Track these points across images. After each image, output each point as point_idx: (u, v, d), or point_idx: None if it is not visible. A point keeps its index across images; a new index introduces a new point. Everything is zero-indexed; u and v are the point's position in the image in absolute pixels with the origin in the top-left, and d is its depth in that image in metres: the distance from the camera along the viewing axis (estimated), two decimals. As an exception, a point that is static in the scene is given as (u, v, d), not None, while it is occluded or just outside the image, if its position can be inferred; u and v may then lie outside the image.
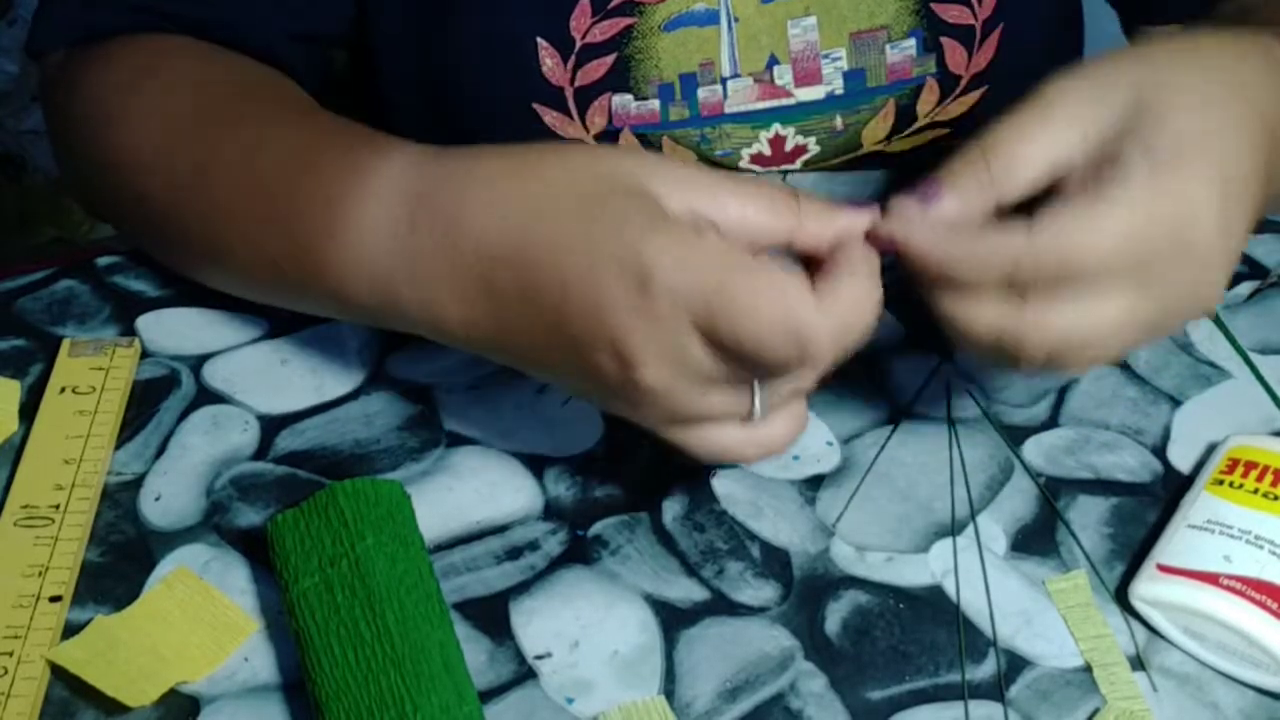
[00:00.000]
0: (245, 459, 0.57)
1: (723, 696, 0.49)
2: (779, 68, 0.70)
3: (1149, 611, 0.51)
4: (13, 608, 0.50)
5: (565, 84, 0.68)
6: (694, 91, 0.69)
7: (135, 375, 0.60)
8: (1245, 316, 0.65)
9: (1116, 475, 0.57)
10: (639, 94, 0.69)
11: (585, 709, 0.49)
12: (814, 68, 0.70)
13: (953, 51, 0.70)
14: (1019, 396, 0.60)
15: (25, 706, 0.47)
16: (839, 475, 0.57)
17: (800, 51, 0.69)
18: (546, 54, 0.68)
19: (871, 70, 0.70)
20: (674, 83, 0.69)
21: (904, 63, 0.70)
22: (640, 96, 0.69)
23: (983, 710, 0.49)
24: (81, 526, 0.53)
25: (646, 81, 0.69)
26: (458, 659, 0.48)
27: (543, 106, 0.69)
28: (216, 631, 0.50)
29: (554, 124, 0.69)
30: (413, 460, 0.57)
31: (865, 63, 0.70)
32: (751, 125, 0.71)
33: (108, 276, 0.65)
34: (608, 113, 0.69)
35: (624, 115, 0.69)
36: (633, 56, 0.68)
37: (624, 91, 0.69)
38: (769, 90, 0.70)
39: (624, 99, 0.69)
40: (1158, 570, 0.51)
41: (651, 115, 0.70)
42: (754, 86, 0.70)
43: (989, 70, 0.71)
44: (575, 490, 0.56)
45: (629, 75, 0.68)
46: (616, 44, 0.68)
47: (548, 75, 0.68)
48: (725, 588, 0.53)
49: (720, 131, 0.71)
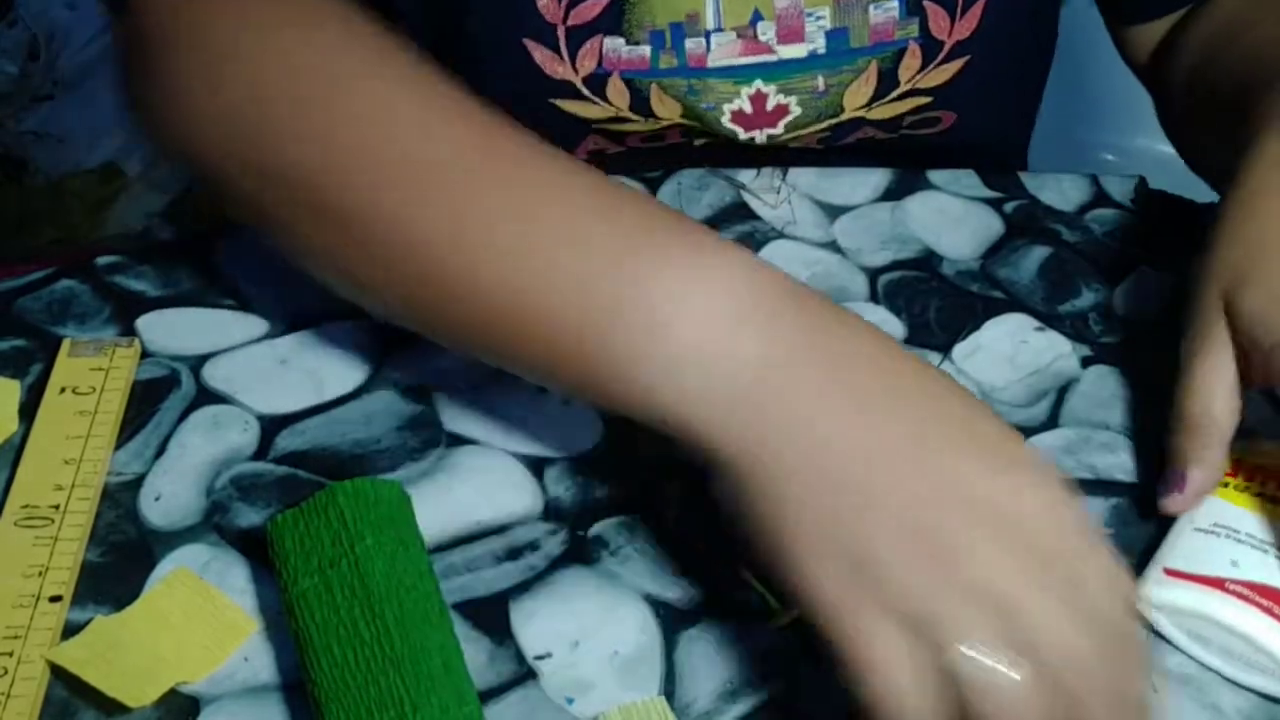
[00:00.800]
0: (245, 459, 0.57)
1: (723, 697, 0.49)
2: (762, 23, 0.70)
3: (1155, 616, 0.51)
4: (13, 608, 0.50)
5: (558, 21, 0.68)
6: (681, 41, 0.69)
7: (135, 375, 0.60)
8: (1245, 317, 0.65)
9: (1116, 475, 0.57)
10: (630, 38, 0.69)
11: (585, 709, 0.49)
12: (797, 25, 0.70)
13: (935, 16, 0.71)
14: (1019, 396, 0.60)
15: (25, 706, 0.47)
16: (839, 475, 0.57)
17: (784, 8, 0.69)
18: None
19: (854, 30, 0.70)
20: (665, 30, 0.69)
21: (887, 24, 0.70)
22: (632, 41, 0.69)
23: (983, 710, 0.49)
24: (81, 526, 0.53)
25: (639, 26, 0.69)
26: (458, 659, 0.48)
27: (533, 43, 0.68)
28: (216, 631, 0.50)
29: (543, 62, 0.69)
30: (413, 460, 0.57)
31: (848, 22, 0.70)
32: (734, 80, 0.71)
33: (108, 276, 0.65)
34: (598, 55, 0.69)
35: (614, 59, 0.69)
36: (627, 0, 0.68)
37: (616, 34, 0.69)
38: (751, 46, 0.70)
39: (615, 42, 0.69)
40: (1165, 574, 0.51)
41: (641, 61, 0.69)
42: (737, 41, 0.70)
43: (972, 39, 0.71)
44: (575, 490, 0.56)
45: (623, 18, 0.68)
46: None
47: (542, 10, 0.68)
48: (725, 588, 0.53)
49: (704, 84, 0.71)
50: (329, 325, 0.63)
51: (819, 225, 0.69)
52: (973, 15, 0.71)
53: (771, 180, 0.71)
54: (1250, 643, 0.48)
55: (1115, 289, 0.66)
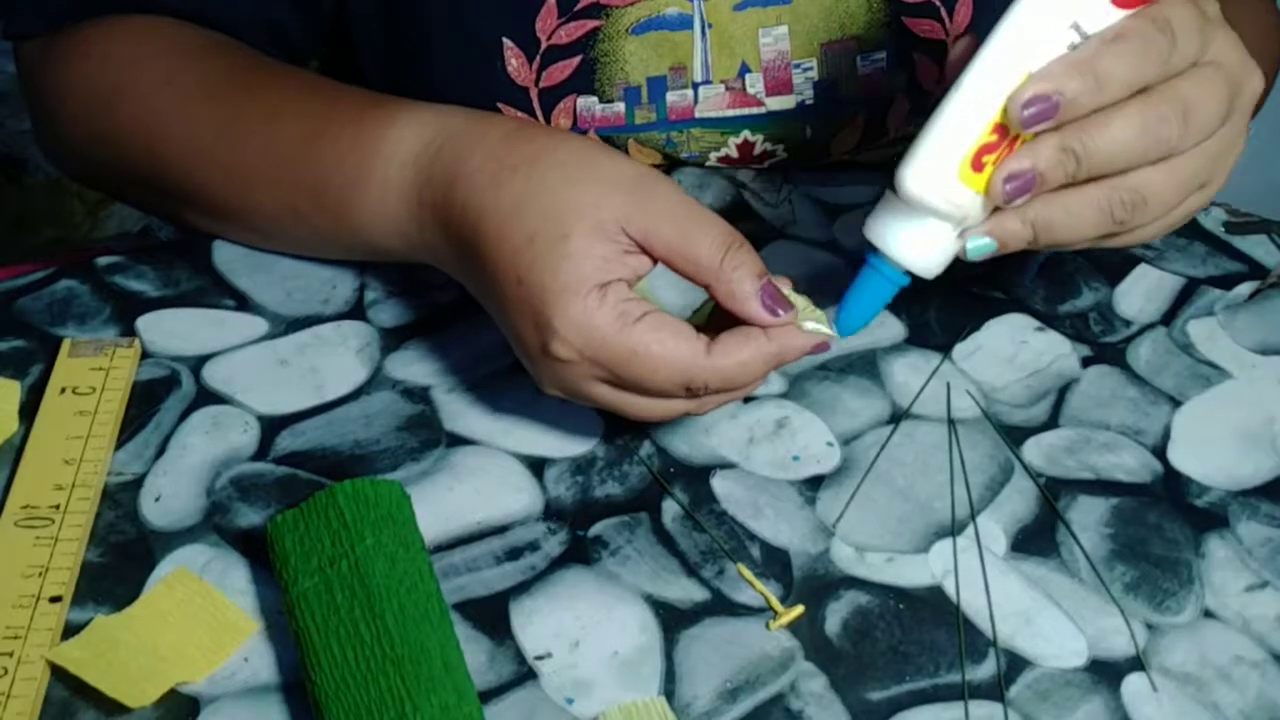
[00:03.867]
0: (245, 459, 0.57)
1: (723, 697, 0.49)
2: (750, 76, 0.69)
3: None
4: (13, 608, 0.50)
5: (530, 84, 0.68)
6: (662, 95, 0.69)
7: (135, 375, 0.60)
8: (1245, 316, 0.65)
9: (1116, 475, 0.57)
10: (604, 96, 0.69)
11: (585, 709, 0.49)
12: (785, 77, 0.70)
13: (924, 66, 0.70)
14: (1019, 397, 0.61)
15: (25, 706, 0.47)
16: (839, 475, 0.57)
17: (772, 60, 0.69)
18: (511, 54, 0.67)
19: (843, 81, 0.70)
20: (640, 86, 0.69)
21: (875, 75, 0.70)
22: (605, 99, 0.69)
23: (983, 710, 0.49)
24: (81, 527, 0.53)
25: (611, 84, 0.69)
26: (458, 659, 0.48)
27: (507, 106, 0.69)
28: (216, 632, 0.50)
29: None
30: (413, 460, 0.57)
31: (836, 74, 0.70)
32: (721, 131, 0.71)
33: (108, 276, 0.65)
34: (573, 114, 0.69)
35: (589, 118, 0.69)
36: (599, 59, 0.68)
37: (589, 94, 0.69)
38: (740, 98, 0.70)
39: (589, 101, 0.69)
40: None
41: (616, 118, 0.69)
42: (725, 94, 0.70)
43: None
44: (575, 490, 0.56)
45: (594, 77, 0.68)
46: (582, 46, 0.68)
47: (513, 75, 0.68)
48: (725, 588, 0.53)
49: (688, 135, 0.71)
50: (329, 325, 0.63)
51: (819, 225, 0.69)
52: None
53: (772, 180, 0.71)
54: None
55: (1115, 289, 0.66)
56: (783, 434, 0.58)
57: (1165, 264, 0.68)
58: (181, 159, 0.64)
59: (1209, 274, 0.67)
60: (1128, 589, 0.53)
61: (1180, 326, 0.64)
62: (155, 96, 0.64)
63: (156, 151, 0.64)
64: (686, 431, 0.58)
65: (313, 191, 0.61)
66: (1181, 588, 0.53)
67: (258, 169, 0.62)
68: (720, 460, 0.57)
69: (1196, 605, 0.53)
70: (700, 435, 0.58)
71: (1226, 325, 0.64)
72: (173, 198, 0.66)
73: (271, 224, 0.64)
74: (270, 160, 0.61)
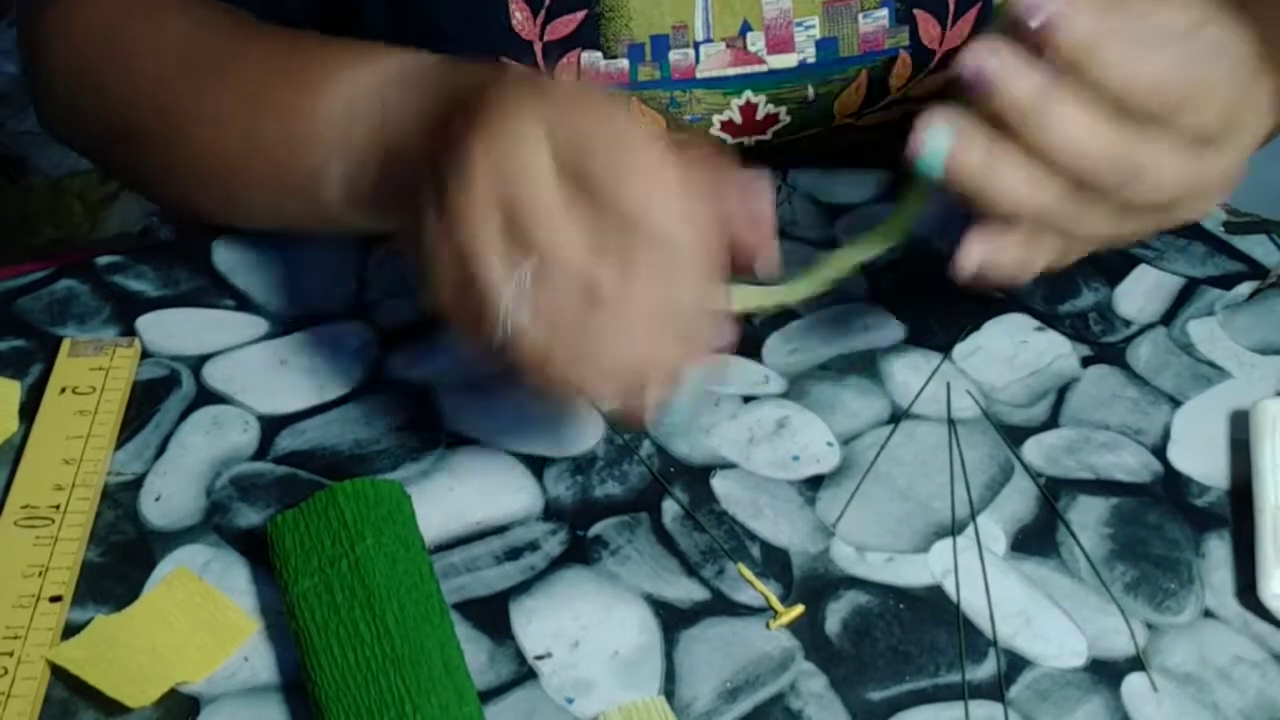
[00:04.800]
0: (245, 459, 0.57)
1: (723, 696, 0.49)
2: (752, 34, 0.69)
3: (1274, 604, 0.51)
4: (13, 608, 0.50)
5: (534, 38, 0.68)
6: (665, 53, 0.69)
7: (135, 375, 0.60)
8: (1245, 316, 0.65)
9: (1116, 475, 0.57)
10: (608, 52, 0.69)
11: (585, 709, 0.49)
12: (786, 35, 0.70)
13: (926, 24, 0.70)
14: (1019, 397, 0.61)
15: (25, 706, 0.47)
16: (839, 475, 0.57)
17: (773, 18, 0.69)
18: (516, 7, 0.67)
19: (844, 39, 0.70)
20: (644, 43, 0.69)
21: (877, 33, 0.70)
22: (610, 55, 0.69)
23: (983, 710, 0.49)
24: (81, 526, 0.53)
25: (616, 40, 0.68)
26: (458, 659, 0.48)
27: (510, 60, 0.68)
28: (216, 631, 0.50)
29: None
30: (413, 460, 0.57)
31: (838, 31, 0.70)
32: (723, 91, 0.71)
33: (108, 276, 0.65)
34: (576, 69, 0.69)
35: (593, 73, 0.69)
36: (603, 14, 0.68)
37: (593, 48, 0.69)
38: (741, 56, 0.70)
39: (593, 56, 0.69)
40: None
41: (620, 74, 0.69)
42: (726, 52, 0.70)
43: (963, 49, 0.71)
44: (575, 490, 0.56)
45: (599, 32, 0.68)
46: (587, 0, 0.68)
47: (517, 29, 0.68)
48: (725, 588, 0.53)
49: (691, 96, 0.71)
50: (329, 325, 0.63)
51: (819, 225, 0.69)
52: (964, 24, 0.71)
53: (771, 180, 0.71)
54: None
55: (1115, 289, 0.66)
56: (783, 434, 0.58)
57: (1165, 264, 0.68)
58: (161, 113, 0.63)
59: (1209, 274, 0.67)
60: (1128, 589, 0.53)
61: (1180, 326, 0.64)
62: (150, 50, 0.64)
63: (153, 101, 0.63)
64: (687, 432, 0.58)
65: (284, 72, 0.60)
66: (1181, 588, 0.53)
67: (232, 112, 0.61)
68: (720, 460, 0.57)
69: (1196, 605, 0.53)
70: (700, 435, 0.58)
71: (1226, 325, 0.64)
72: (155, 157, 0.65)
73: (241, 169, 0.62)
74: (244, 103, 0.61)
